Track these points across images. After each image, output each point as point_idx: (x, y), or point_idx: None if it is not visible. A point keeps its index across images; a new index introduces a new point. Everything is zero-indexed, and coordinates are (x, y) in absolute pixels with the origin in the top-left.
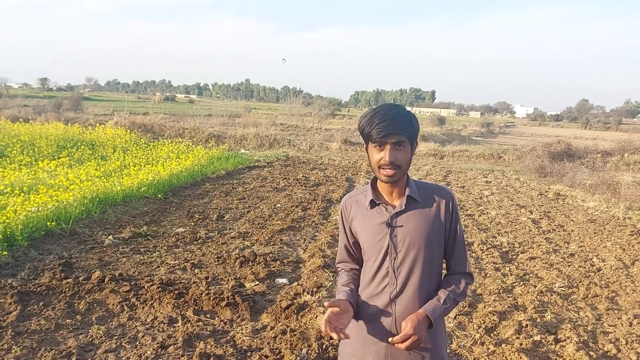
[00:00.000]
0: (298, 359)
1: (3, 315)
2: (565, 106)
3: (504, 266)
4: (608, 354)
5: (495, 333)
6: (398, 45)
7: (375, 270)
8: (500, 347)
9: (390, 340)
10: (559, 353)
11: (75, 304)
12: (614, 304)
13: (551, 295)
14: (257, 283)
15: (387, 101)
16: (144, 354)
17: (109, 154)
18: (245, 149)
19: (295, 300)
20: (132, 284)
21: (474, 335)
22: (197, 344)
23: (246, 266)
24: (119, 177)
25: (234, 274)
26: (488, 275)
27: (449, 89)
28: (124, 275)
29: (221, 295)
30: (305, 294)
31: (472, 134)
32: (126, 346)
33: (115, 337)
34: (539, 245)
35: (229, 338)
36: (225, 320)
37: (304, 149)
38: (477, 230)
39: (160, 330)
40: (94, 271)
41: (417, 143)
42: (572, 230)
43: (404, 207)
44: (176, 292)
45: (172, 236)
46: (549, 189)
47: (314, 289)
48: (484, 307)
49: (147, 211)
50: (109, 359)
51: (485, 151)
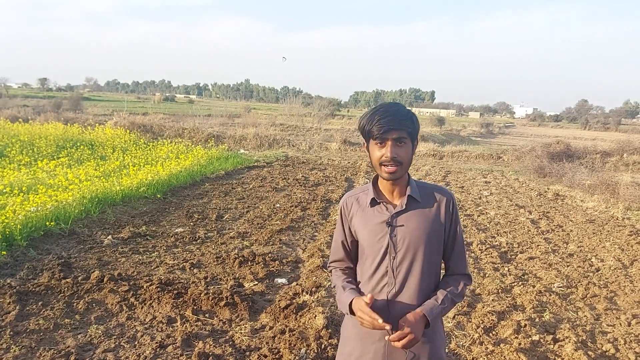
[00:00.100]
0: (297, 358)
1: (2, 314)
2: (564, 106)
3: (502, 266)
4: (606, 353)
5: (494, 333)
6: (398, 45)
7: (374, 270)
8: (498, 347)
9: (386, 338)
10: (557, 353)
11: (74, 304)
12: (613, 304)
13: (550, 295)
14: (256, 283)
15: (387, 101)
16: (142, 354)
17: (108, 154)
18: (244, 149)
19: (294, 300)
20: (131, 283)
21: (473, 335)
22: (196, 344)
23: (245, 266)
24: (118, 177)
25: (233, 274)
26: (487, 275)
27: (449, 89)
28: (123, 275)
29: (220, 295)
30: (304, 293)
31: (472, 134)
32: (125, 346)
33: (114, 337)
34: (537, 246)
35: (227, 338)
36: (224, 320)
37: (304, 149)
38: (476, 230)
39: (159, 330)
40: (93, 271)
41: (418, 142)
42: (571, 231)
43: (404, 207)
44: (175, 292)
45: (171, 236)
46: (548, 189)
47: (313, 289)
48: (483, 307)
49: (146, 211)
50: (107, 358)
51: (485, 151)
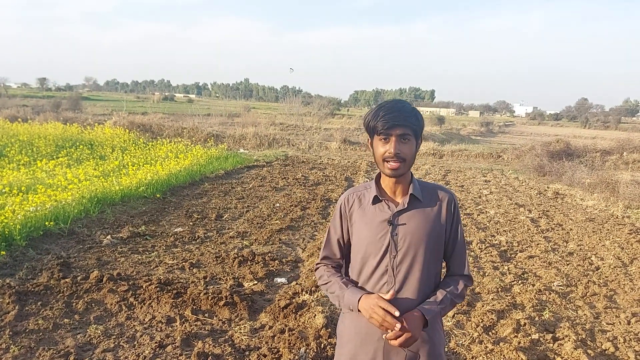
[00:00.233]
0: (296, 358)
1: (1, 315)
2: (564, 105)
3: (502, 265)
4: (606, 352)
5: (493, 332)
6: (397, 44)
7: (373, 268)
8: (498, 346)
9: (384, 337)
10: (557, 351)
11: (74, 304)
12: (612, 303)
13: (549, 294)
14: (256, 282)
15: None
16: (142, 354)
17: (108, 154)
18: (244, 148)
19: (293, 300)
20: (130, 283)
21: (472, 334)
22: (196, 344)
23: (245, 266)
24: (117, 177)
25: (232, 274)
26: (487, 274)
27: (448, 88)
28: (122, 274)
29: (219, 295)
30: (303, 293)
31: (472, 133)
32: (124, 346)
33: (114, 337)
34: (537, 244)
35: (227, 337)
36: (223, 320)
37: (303, 149)
38: (476, 229)
39: (159, 329)
40: (92, 271)
41: (422, 141)
42: (571, 229)
43: (406, 206)
44: (174, 292)
45: (171, 236)
46: (547, 188)
47: (313, 288)
48: (483, 306)
49: (146, 211)
50: (107, 358)
51: (485, 150)
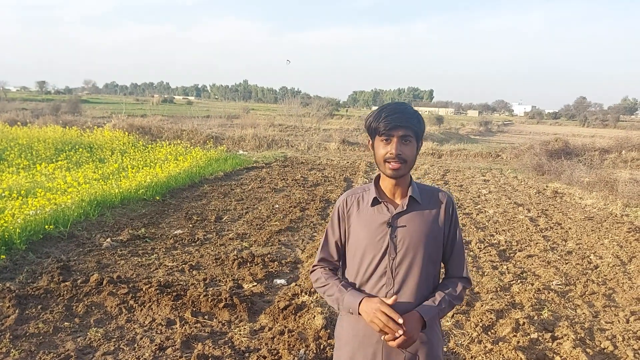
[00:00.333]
0: (296, 359)
1: (1, 318)
2: (563, 104)
3: (501, 264)
4: (605, 350)
5: (492, 331)
6: (396, 45)
7: (372, 270)
8: (497, 345)
9: (382, 338)
10: (556, 350)
11: (74, 307)
12: (611, 301)
13: (548, 293)
14: (255, 284)
15: (385, 101)
16: (142, 356)
17: (107, 157)
18: (243, 150)
19: (293, 301)
20: (130, 286)
21: (472, 334)
22: (195, 346)
23: (244, 267)
24: (117, 180)
25: (232, 275)
26: (485, 273)
27: (447, 88)
28: (122, 277)
29: (219, 297)
30: (303, 294)
31: (470, 133)
32: (124, 348)
33: (114, 340)
34: (536, 243)
35: (227, 339)
36: (223, 322)
37: (302, 150)
38: (475, 229)
39: (159, 332)
40: (92, 274)
41: (422, 144)
42: (570, 228)
43: (405, 208)
44: (174, 294)
45: (170, 238)
46: (546, 186)
47: (312, 290)
48: (482, 306)
49: (145, 213)
50: None
51: (483, 150)
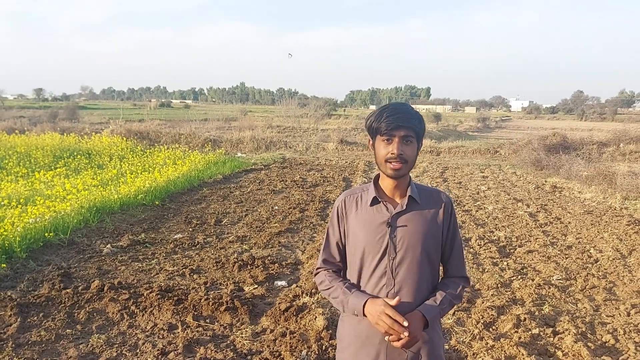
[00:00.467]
0: None
1: (3, 327)
2: (560, 98)
3: (501, 260)
4: (606, 344)
5: (494, 328)
6: (392, 43)
7: (372, 270)
8: (499, 342)
9: (386, 339)
10: (557, 345)
11: (75, 314)
12: (612, 295)
13: (549, 288)
14: (256, 286)
15: (383, 99)
16: None
17: (106, 163)
18: (241, 152)
19: (294, 302)
20: (131, 291)
21: (473, 331)
22: (198, 350)
23: (245, 270)
24: (115, 186)
25: (232, 278)
26: (486, 270)
27: (444, 85)
28: (123, 283)
29: (220, 300)
30: (304, 295)
31: (468, 130)
32: (127, 354)
33: (116, 346)
34: (536, 239)
35: (229, 342)
36: (225, 325)
37: (301, 151)
38: (475, 226)
39: (161, 337)
40: (93, 280)
41: (422, 144)
42: (569, 223)
43: (405, 208)
44: (175, 299)
45: (170, 242)
46: (545, 181)
47: (313, 291)
48: (483, 302)
49: (145, 218)
50: None
51: (482, 146)
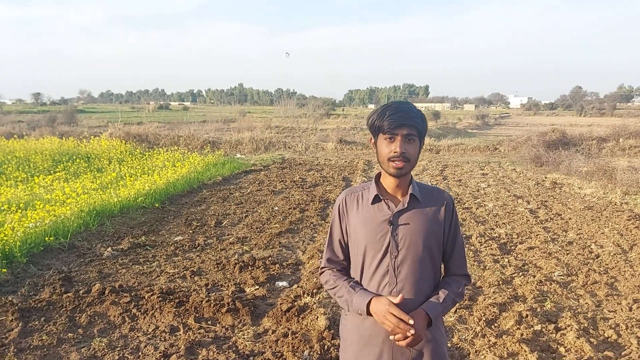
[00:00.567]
0: None
1: (5, 332)
2: (559, 94)
3: (502, 257)
4: (609, 339)
5: (496, 325)
6: (389, 42)
7: (374, 268)
8: (501, 339)
9: (391, 338)
10: (559, 341)
11: (77, 318)
12: (614, 290)
13: (550, 284)
14: (257, 287)
15: (381, 98)
16: None
17: (105, 166)
18: (241, 153)
19: (295, 303)
20: (133, 294)
21: (475, 328)
22: (200, 352)
23: (246, 271)
24: (115, 189)
25: (233, 280)
26: (487, 267)
27: (442, 83)
28: (124, 286)
29: (222, 302)
30: (305, 295)
31: (467, 127)
32: (129, 357)
33: (118, 349)
34: (537, 235)
35: (231, 344)
36: (226, 326)
37: (300, 151)
38: (475, 223)
39: (162, 339)
40: (94, 284)
41: (424, 143)
42: (570, 218)
43: (406, 206)
44: (177, 301)
45: (171, 245)
46: (545, 178)
47: (314, 291)
48: (484, 300)
49: (145, 221)
50: None
51: (481, 143)
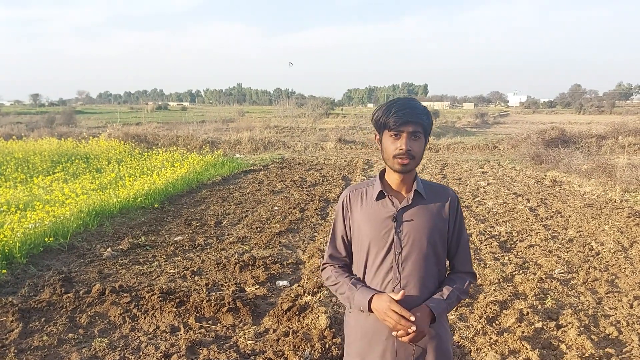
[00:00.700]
0: (302, 359)
1: (5, 333)
2: (558, 92)
3: (503, 255)
4: (610, 336)
5: (496, 322)
6: (388, 41)
7: (378, 265)
8: (502, 336)
9: (394, 334)
10: (560, 339)
11: (77, 318)
12: (614, 287)
13: (551, 281)
14: (258, 287)
15: (380, 97)
16: None
17: (104, 166)
18: (240, 153)
19: (296, 302)
20: (133, 294)
21: (476, 326)
22: (201, 351)
23: (246, 270)
24: (114, 189)
25: (234, 279)
26: (487, 265)
27: (441, 81)
28: (124, 286)
29: (222, 301)
30: (306, 294)
31: (467, 126)
32: (130, 357)
33: (119, 349)
34: (537, 233)
35: (231, 343)
36: (227, 326)
37: (299, 150)
38: (475, 221)
39: (163, 339)
40: (94, 284)
41: (428, 140)
42: (570, 216)
43: (410, 202)
44: (177, 301)
45: (171, 245)
46: (545, 176)
47: (315, 290)
48: (485, 298)
49: (145, 221)
50: None
51: (480, 142)
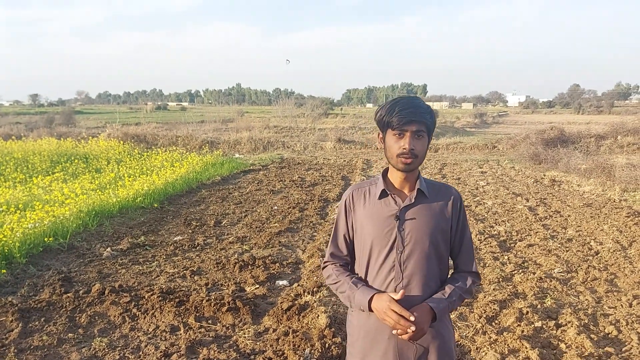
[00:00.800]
0: (301, 359)
1: (5, 333)
2: (557, 92)
3: (502, 255)
4: (609, 335)
5: (496, 322)
6: (388, 41)
7: (380, 264)
8: (502, 336)
9: (394, 332)
10: (560, 338)
11: (77, 318)
12: (613, 286)
13: (550, 281)
14: (258, 286)
15: (379, 97)
16: None
17: (103, 166)
18: (239, 153)
19: (296, 302)
20: (133, 294)
21: (476, 325)
22: (200, 351)
23: (246, 270)
24: (114, 189)
25: (233, 279)
26: (487, 264)
27: (440, 81)
28: (124, 286)
29: (222, 301)
30: (305, 294)
31: (466, 126)
32: (129, 357)
33: (118, 349)
34: (536, 232)
35: (231, 343)
36: (227, 325)
37: (299, 150)
38: (475, 221)
39: (163, 339)
40: (94, 284)
41: (431, 139)
42: (569, 216)
43: (413, 201)
44: (177, 300)
45: (170, 245)
46: (544, 175)
47: (314, 289)
48: (484, 297)
49: (144, 221)
50: None
51: (480, 142)
